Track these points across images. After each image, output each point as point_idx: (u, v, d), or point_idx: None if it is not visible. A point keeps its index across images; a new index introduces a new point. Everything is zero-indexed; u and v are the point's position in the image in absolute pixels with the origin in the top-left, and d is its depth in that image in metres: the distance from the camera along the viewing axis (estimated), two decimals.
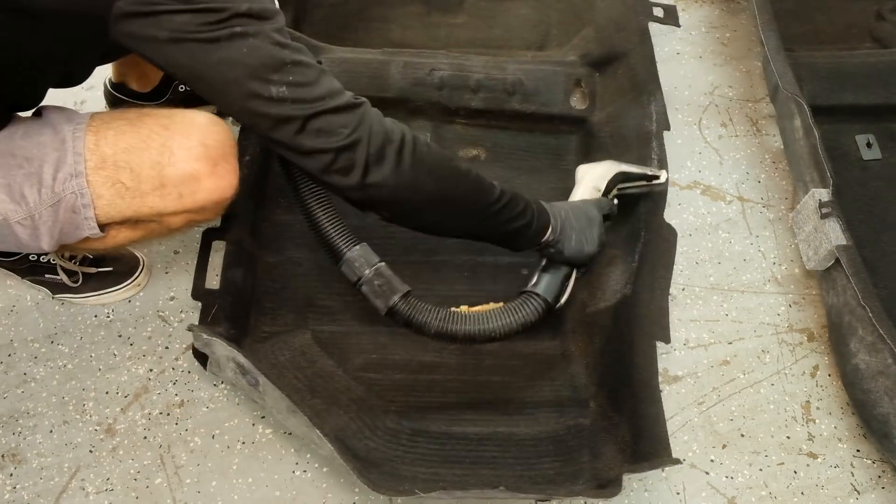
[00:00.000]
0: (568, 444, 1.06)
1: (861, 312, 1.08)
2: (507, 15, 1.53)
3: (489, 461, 1.04)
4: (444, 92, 1.33)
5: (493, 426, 1.07)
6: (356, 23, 1.49)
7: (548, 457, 1.04)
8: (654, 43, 1.43)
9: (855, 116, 1.39)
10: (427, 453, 1.04)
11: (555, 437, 1.06)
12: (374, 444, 1.03)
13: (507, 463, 1.04)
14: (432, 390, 1.11)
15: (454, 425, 1.07)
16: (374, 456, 1.02)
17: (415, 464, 1.02)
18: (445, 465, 1.02)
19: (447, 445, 1.05)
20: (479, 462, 1.03)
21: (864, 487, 1.09)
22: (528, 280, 1.21)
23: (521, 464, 1.04)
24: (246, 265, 1.14)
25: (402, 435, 1.05)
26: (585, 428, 1.07)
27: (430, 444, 1.05)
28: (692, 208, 1.34)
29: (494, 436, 1.06)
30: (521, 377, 1.13)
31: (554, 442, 1.06)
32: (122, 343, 1.14)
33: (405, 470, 1.01)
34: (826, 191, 1.18)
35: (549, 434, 1.07)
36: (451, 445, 1.05)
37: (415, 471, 1.01)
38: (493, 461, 1.04)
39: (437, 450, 1.04)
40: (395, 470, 1.01)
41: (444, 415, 1.08)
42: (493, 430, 1.07)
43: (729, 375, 1.18)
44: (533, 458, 1.04)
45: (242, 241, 1.14)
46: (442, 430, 1.07)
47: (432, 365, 1.14)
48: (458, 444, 1.05)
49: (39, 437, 1.06)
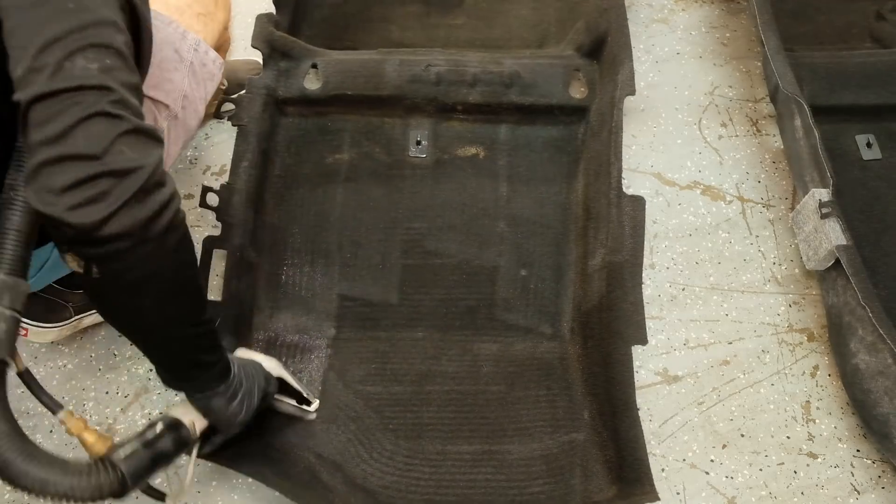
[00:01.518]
0: (560, 464, 1.06)
1: (861, 312, 1.08)
2: (507, 15, 1.53)
3: (482, 484, 1.05)
4: (440, 87, 1.32)
5: (487, 444, 1.08)
6: (355, 23, 1.49)
7: (540, 478, 1.05)
8: (654, 43, 1.43)
9: (855, 116, 1.39)
10: (422, 478, 1.05)
11: (547, 456, 1.07)
12: (370, 470, 1.04)
13: (499, 486, 1.05)
14: (430, 404, 1.12)
15: (449, 444, 1.08)
16: (369, 483, 1.03)
17: (409, 490, 1.03)
18: (440, 492, 1.03)
19: (441, 468, 1.06)
20: (472, 486, 1.04)
21: (864, 487, 1.09)
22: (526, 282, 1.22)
23: (514, 487, 1.05)
24: (247, 274, 1.14)
25: (398, 457, 1.06)
26: (578, 445, 1.08)
27: (425, 466, 1.06)
28: (692, 208, 1.34)
29: (488, 456, 1.07)
30: (518, 386, 1.13)
31: (546, 461, 1.07)
32: (122, 343, 1.14)
33: (400, 498, 1.02)
34: (826, 191, 1.18)
35: (543, 453, 1.08)
36: (445, 468, 1.06)
37: (409, 498, 1.02)
38: (486, 484, 1.05)
39: (432, 473, 1.05)
40: (390, 499, 1.02)
41: (440, 433, 1.09)
42: (487, 449, 1.08)
43: (729, 375, 1.18)
44: (526, 481, 1.05)
45: (243, 249, 1.14)
46: (437, 449, 1.07)
47: (430, 374, 1.14)
48: (452, 466, 1.06)
49: (39, 437, 1.06)
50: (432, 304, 1.20)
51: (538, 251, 1.24)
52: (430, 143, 1.31)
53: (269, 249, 1.20)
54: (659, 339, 1.20)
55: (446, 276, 1.22)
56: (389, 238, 1.24)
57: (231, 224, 1.14)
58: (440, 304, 1.20)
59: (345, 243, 1.23)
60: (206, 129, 1.35)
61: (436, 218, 1.26)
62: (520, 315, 1.20)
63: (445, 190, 1.29)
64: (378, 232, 1.25)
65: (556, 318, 1.19)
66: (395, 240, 1.24)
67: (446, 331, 1.18)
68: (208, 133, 1.35)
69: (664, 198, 1.34)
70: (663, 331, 1.21)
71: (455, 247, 1.24)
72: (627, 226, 1.14)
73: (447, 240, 1.25)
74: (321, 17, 1.49)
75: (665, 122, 1.42)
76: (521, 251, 1.24)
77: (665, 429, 1.13)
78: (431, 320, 1.19)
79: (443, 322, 1.19)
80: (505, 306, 1.20)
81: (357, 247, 1.23)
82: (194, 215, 1.26)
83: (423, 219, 1.26)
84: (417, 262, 1.23)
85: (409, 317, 1.19)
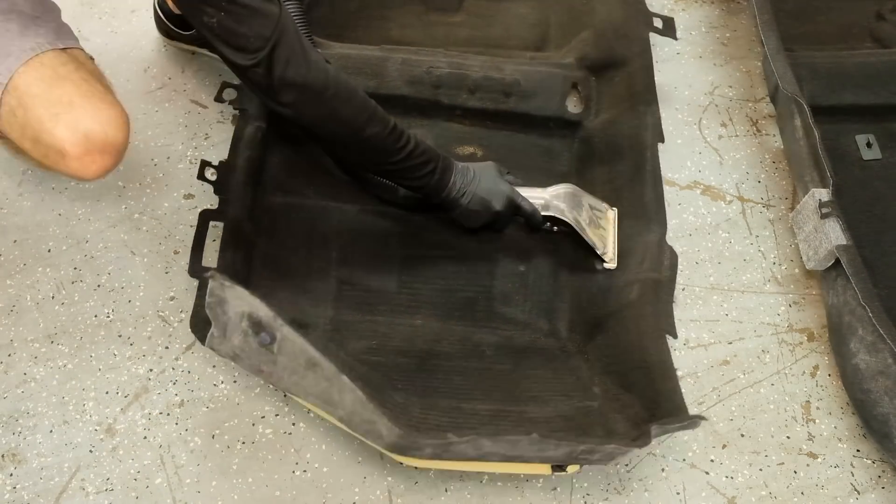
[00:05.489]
0: (580, 423, 1.04)
1: (861, 312, 1.08)
2: (506, 15, 1.53)
3: (504, 434, 1.01)
4: (441, 90, 1.33)
5: (502, 405, 1.06)
6: (355, 21, 1.49)
7: (562, 431, 1.02)
8: (654, 43, 1.43)
9: (855, 116, 1.39)
10: (441, 424, 1.01)
11: (566, 417, 1.05)
12: (386, 415, 0.96)
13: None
14: (436, 373, 1.10)
15: (464, 402, 1.06)
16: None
17: (430, 434, 0.96)
18: (461, 435, 0.97)
19: (459, 419, 1.03)
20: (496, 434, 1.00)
21: (864, 487, 1.10)
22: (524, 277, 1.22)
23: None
24: (243, 248, 1.13)
25: (413, 409, 1.03)
26: (594, 410, 1.06)
27: (442, 416, 1.03)
28: (692, 208, 1.34)
29: (505, 414, 1.05)
30: (523, 366, 1.13)
31: (565, 420, 1.04)
32: (122, 343, 1.14)
33: (421, 438, 0.95)
34: (826, 191, 1.18)
35: (560, 414, 1.05)
36: (463, 419, 1.03)
37: (431, 438, 0.96)
38: (508, 433, 1.00)
39: (450, 422, 1.02)
40: (411, 435, 0.95)
41: (452, 393, 1.07)
42: (503, 409, 1.05)
43: (729, 375, 1.18)
44: (548, 433, 1.00)
45: (240, 221, 1.14)
46: (453, 405, 1.05)
47: (433, 353, 1.13)
48: (470, 418, 1.03)
49: (39, 437, 1.06)
50: (431, 293, 1.20)
51: (536, 248, 1.25)
52: (429, 140, 1.31)
53: (265, 231, 1.20)
54: None
55: (445, 268, 1.22)
56: (389, 229, 1.25)
57: (229, 199, 1.14)
58: (439, 294, 1.20)
59: (343, 231, 1.23)
60: (205, 129, 1.35)
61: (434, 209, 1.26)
62: (518, 310, 1.20)
63: None
64: (377, 222, 1.25)
65: (552, 315, 1.19)
66: (395, 230, 1.24)
67: (446, 319, 1.18)
68: (208, 133, 1.35)
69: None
70: None
71: (454, 240, 1.24)
72: (666, 258, 1.17)
73: (446, 233, 1.25)
74: (321, 15, 1.49)
75: (665, 122, 1.42)
76: (519, 247, 1.25)
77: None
78: (430, 308, 1.19)
79: (442, 311, 1.19)
80: (503, 300, 1.21)
81: (356, 235, 1.23)
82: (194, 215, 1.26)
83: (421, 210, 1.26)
84: (417, 252, 1.23)
85: (407, 304, 1.18)
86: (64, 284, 1.18)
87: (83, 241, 1.22)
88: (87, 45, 1.17)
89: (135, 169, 1.30)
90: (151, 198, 1.27)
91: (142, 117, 1.35)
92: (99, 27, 1.42)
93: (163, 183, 1.29)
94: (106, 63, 1.38)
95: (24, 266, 1.19)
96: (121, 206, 1.26)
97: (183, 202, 1.27)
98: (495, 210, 1.16)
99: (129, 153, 1.32)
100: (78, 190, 1.26)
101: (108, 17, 0.94)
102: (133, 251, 1.22)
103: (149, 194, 1.28)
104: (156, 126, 1.35)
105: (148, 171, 1.30)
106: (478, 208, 1.16)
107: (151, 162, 1.31)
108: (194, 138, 1.34)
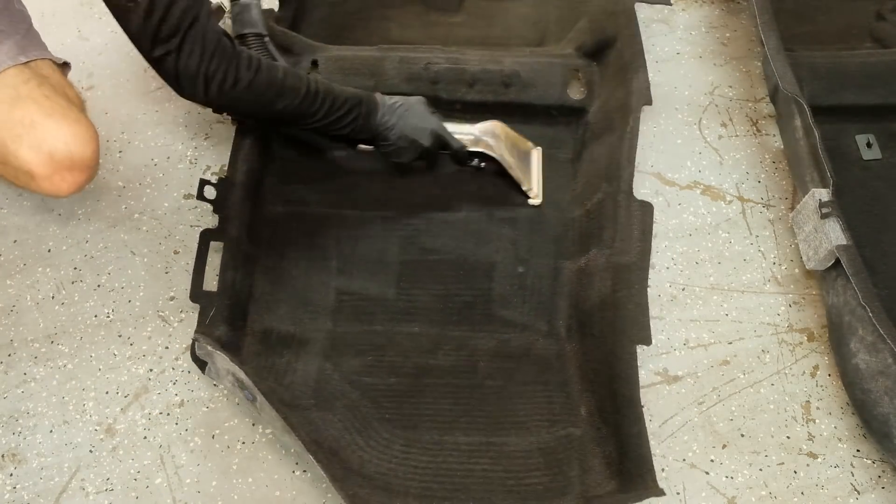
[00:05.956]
0: (558, 457, 1.06)
1: (861, 312, 1.08)
2: (506, 14, 1.53)
3: (480, 474, 1.04)
4: (439, 86, 1.33)
5: (484, 436, 1.08)
6: (355, 22, 1.49)
7: (538, 470, 1.05)
8: (654, 43, 1.44)
9: (855, 116, 1.39)
10: (419, 465, 1.04)
11: (545, 450, 1.07)
12: (367, 457, 1.03)
13: (497, 477, 1.04)
14: (426, 396, 1.11)
15: (446, 434, 1.07)
16: (366, 469, 1.02)
17: (407, 477, 1.02)
18: (437, 480, 1.03)
19: (439, 458, 1.05)
20: (470, 475, 1.04)
21: (864, 487, 1.10)
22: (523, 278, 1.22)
23: (512, 477, 1.04)
24: (243, 266, 1.14)
25: (395, 445, 1.05)
26: (576, 439, 1.07)
27: (422, 455, 1.05)
28: (692, 208, 1.34)
29: (486, 447, 1.07)
30: (515, 381, 1.13)
31: (544, 454, 1.06)
32: (122, 343, 1.14)
33: (397, 484, 1.01)
34: (826, 191, 1.18)
35: (540, 446, 1.07)
36: (442, 457, 1.05)
37: (407, 485, 1.02)
38: (484, 474, 1.04)
39: (429, 461, 1.04)
40: (388, 484, 1.01)
41: (437, 423, 1.08)
42: (484, 441, 1.07)
43: (729, 375, 1.18)
44: (523, 472, 1.04)
45: (240, 241, 1.14)
46: (434, 439, 1.07)
47: (427, 367, 1.14)
48: (449, 455, 1.05)
49: (39, 437, 1.06)
50: (429, 299, 1.20)
51: (535, 248, 1.25)
52: None
53: (266, 242, 1.21)
54: (659, 339, 1.20)
55: (443, 272, 1.22)
56: (387, 234, 1.25)
57: (228, 217, 1.14)
58: (437, 300, 1.20)
59: (343, 238, 1.23)
60: (206, 129, 1.35)
61: (433, 214, 1.27)
62: (516, 311, 1.20)
63: (443, 185, 1.30)
64: (376, 228, 1.25)
65: (552, 316, 1.19)
66: (393, 236, 1.24)
67: (443, 326, 1.18)
68: (208, 133, 1.35)
69: (664, 198, 1.34)
70: (663, 331, 1.21)
71: (452, 243, 1.24)
72: (636, 229, 1.15)
73: (444, 236, 1.25)
74: (320, 17, 1.49)
75: (665, 121, 1.42)
76: (518, 248, 1.25)
77: (665, 429, 1.13)
78: (428, 315, 1.19)
79: (440, 317, 1.19)
80: (502, 302, 1.20)
81: (355, 242, 1.23)
82: (194, 214, 1.26)
83: (420, 215, 1.27)
84: (415, 257, 1.23)
85: (405, 311, 1.19)
86: (64, 284, 1.18)
87: (83, 240, 1.22)
88: (86, 45, 1.17)
89: (135, 169, 1.30)
90: (151, 198, 1.27)
91: (142, 117, 1.35)
92: (99, 27, 1.43)
93: (163, 183, 1.29)
94: (106, 63, 1.39)
95: (24, 266, 1.20)
96: (121, 206, 1.26)
97: (183, 202, 1.27)
98: (423, 146, 1.20)
99: (130, 153, 1.33)
100: None
101: (108, 16, 0.94)
102: (133, 251, 1.22)
103: (149, 194, 1.28)
104: (156, 126, 1.35)
105: (148, 171, 1.30)
106: (406, 144, 1.20)
107: (151, 162, 1.31)
108: (194, 138, 1.34)
